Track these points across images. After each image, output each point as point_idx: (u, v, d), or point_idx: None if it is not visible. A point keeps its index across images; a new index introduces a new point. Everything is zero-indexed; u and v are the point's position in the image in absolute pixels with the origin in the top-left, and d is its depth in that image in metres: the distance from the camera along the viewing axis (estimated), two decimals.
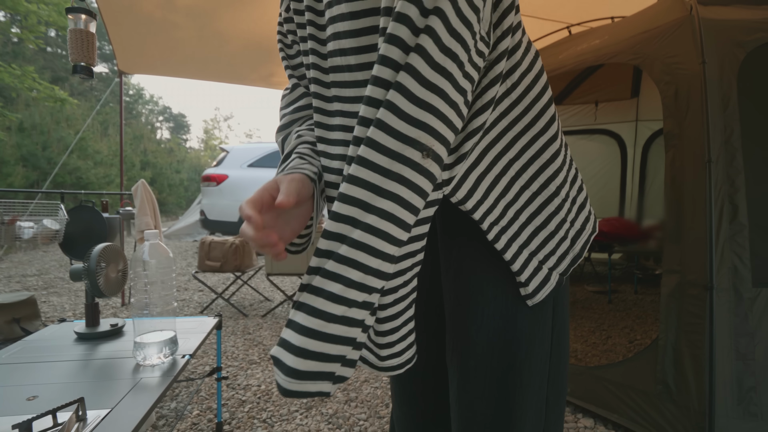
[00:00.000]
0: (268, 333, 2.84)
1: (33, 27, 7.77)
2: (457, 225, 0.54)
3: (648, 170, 3.91)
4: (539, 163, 0.52)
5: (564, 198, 0.54)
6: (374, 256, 0.39)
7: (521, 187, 0.52)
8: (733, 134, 1.45)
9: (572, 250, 0.55)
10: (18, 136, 10.91)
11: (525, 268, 0.51)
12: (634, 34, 1.81)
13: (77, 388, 1.00)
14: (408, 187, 0.38)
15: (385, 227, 0.38)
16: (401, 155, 0.38)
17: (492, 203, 0.50)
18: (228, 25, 3.37)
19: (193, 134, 38.81)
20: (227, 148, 6.28)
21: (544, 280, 0.52)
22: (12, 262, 5.75)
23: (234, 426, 1.70)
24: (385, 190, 0.38)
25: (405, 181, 0.38)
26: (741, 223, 1.41)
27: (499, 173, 0.50)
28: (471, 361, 0.53)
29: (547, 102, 0.52)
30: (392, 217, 0.38)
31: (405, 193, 0.38)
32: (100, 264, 1.32)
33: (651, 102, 3.75)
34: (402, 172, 0.38)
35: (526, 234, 0.52)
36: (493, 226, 0.50)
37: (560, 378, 0.57)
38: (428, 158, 0.38)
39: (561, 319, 0.57)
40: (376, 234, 0.38)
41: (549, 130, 0.52)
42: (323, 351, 0.39)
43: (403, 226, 0.40)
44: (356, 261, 0.38)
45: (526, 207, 0.52)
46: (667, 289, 1.52)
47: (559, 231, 0.53)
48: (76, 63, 1.26)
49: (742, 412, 1.36)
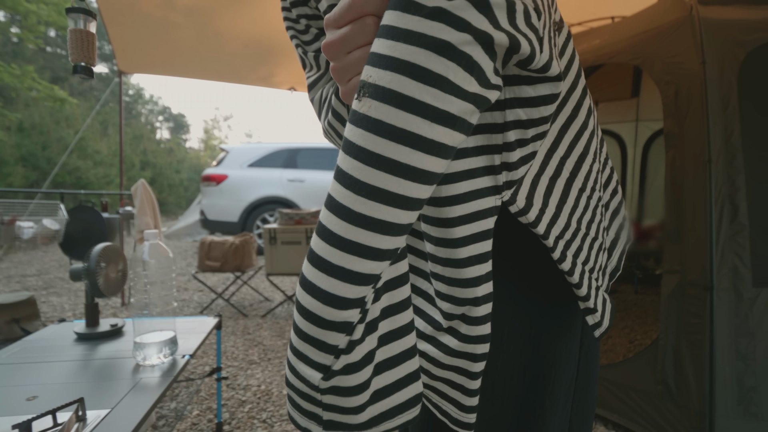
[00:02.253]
0: (268, 333, 2.84)
1: (33, 27, 7.76)
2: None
3: (648, 170, 3.91)
4: (588, 161, 0.44)
5: (607, 201, 0.48)
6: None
7: (579, 189, 0.43)
8: (734, 134, 1.45)
9: (610, 263, 0.49)
10: (18, 136, 10.91)
11: (590, 290, 0.43)
12: (634, 34, 1.81)
13: (77, 389, 1.00)
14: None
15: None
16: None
17: (554, 212, 0.41)
18: (228, 25, 3.37)
19: (193, 134, 38.87)
20: (227, 148, 6.28)
21: (603, 300, 0.45)
22: (12, 262, 5.75)
23: (234, 426, 1.70)
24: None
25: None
26: (741, 223, 1.41)
27: (554, 174, 0.41)
28: (490, 377, 0.48)
29: (582, 91, 0.44)
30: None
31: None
32: (100, 264, 1.32)
33: (651, 102, 3.75)
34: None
35: (586, 247, 0.44)
36: (559, 240, 0.41)
37: (587, 400, 0.51)
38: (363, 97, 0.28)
39: (590, 338, 0.50)
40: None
41: (589, 124, 0.45)
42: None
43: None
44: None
45: (584, 214, 0.44)
46: (668, 289, 1.52)
47: (604, 241, 0.47)
48: (76, 63, 1.25)
49: (742, 412, 1.36)
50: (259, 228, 5.74)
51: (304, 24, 0.55)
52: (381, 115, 0.27)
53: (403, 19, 0.27)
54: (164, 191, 15.44)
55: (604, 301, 0.45)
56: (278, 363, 2.35)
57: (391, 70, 0.27)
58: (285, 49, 3.71)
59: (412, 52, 0.27)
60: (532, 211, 0.39)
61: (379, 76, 0.27)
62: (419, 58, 0.27)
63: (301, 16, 0.54)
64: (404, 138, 0.27)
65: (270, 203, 5.80)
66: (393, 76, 0.27)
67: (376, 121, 0.27)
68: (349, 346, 0.31)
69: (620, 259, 0.51)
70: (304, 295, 0.30)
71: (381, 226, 0.28)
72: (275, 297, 3.76)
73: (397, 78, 0.27)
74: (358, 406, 0.33)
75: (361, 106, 0.28)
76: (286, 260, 3.18)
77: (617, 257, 0.50)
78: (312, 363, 0.31)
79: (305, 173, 5.92)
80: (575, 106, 0.43)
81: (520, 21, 0.29)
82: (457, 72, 0.27)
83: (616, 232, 0.51)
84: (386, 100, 0.27)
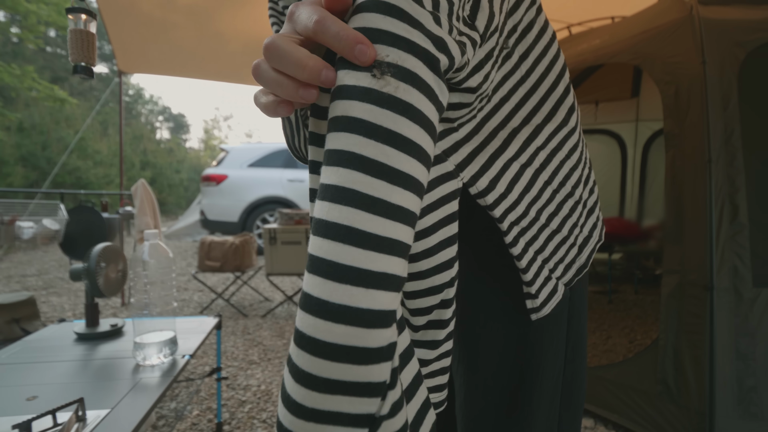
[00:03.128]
0: (268, 333, 2.84)
1: (33, 27, 7.76)
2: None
3: (648, 170, 3.91)
4: (559, 157, 0.46)
5: (578, 199, 0.49)
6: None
7: (544, 182, 0.45)
8: (734, 134, 1.45)
9: (579, 259, 0.50)
10: (18, 136, 10.91)
11: (537, 278, 0.46)
12: (635, 34, 1.81)
13: (77, 389, 1.00)
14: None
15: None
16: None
17: (516, 199, 0.43)
18: (228, 25, 3.37)
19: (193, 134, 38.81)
20: (227, 148, 6.28)
21: (552, 291, 0.47)
22: (12, 262, 5.75)
23: (234, 426, 1.70)
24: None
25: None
26: (741, 223, 1.41)
27: (525, 163, 0.44)
28: (477, 374, 0.50)
29: (565, 89, 0.46)
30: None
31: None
32: (100, 264, 1.32)
33: (651, 102, 3.75)
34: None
35: (543, 238, 0.46)
36: (513, 226, 0.44)
37: (576, 395, 0.52)
38: (383, 77, 0.25)
39: (577, 333, 0.52)
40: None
41: (570, 121, 0.46)
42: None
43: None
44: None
45: (546, 206, 0.46)
46: (668, 289, 1.52)
47: (571, 236, 0.49)
48: (76, 63, 1.25)
49: (742, 413, 1.36)
50: (259, 228, 5.74)
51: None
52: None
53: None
54: (164, 191, 15.44)
55: (552, 291, 0.47)
56: (278, 363, 2.35)
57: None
58: None
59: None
60: (491, 195, 0.42)
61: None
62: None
63: (286, 7, 0.52)
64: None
65: (270, 203, 5.80)
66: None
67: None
68: (393, 376, 0.25)
69: (589, 257, 0.52)
70: (331, 326, 0.23)
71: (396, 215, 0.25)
72: (275, 297, 3.76)
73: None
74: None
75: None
76: (286, 260, 3.18)
77: (587, 254, 0.51)
78: (349, 420, 0.24)
79: (305, 173, 5.91)
80: (555, 104, 0.45)
81: (453, 30, 0.29)
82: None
83: (590, 230, 0.52)
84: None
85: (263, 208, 5.79)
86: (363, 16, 0.26)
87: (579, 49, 2.15)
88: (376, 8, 0.26)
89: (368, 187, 0.24)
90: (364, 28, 0.26)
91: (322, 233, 0.24)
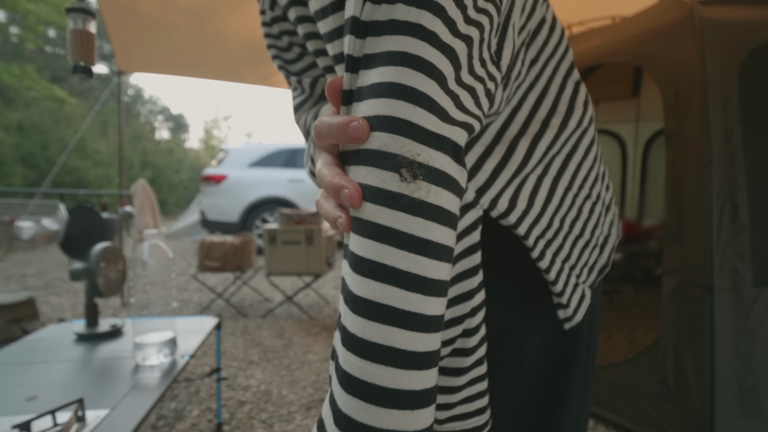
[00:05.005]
0: (267, 333, 2.84)
1: (33, 27, 7.77)
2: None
3: (649, 170, 3.91)
4: (576, 160, 0.45)
5: (595, 199, 0.47)
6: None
7: (565, 188, 0.44)
8: (734, 134, 1.44)
9: (601, 259, 0.49)
10: (17, 136, 10.91)
11: (566, 287, 0.44)
12: (635, 34, 1.80)
13: (77, 389, 0.99)
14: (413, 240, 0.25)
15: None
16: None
17: (539, 212, 0.42)
18: (227, 25, 3.36)
19: (193, 134, 38.80)
20: (227, 148, 6.28)
21: (581, 297, 0.46)
22: (11, 262, 5.74)
23: (234, 426, 1.70)
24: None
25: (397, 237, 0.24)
26: (742, 223, 1.41)
27: (541, 174, 0.43)
28: (508, 388, 0.47)
29: (574, 88, 0.44)
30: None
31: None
32: (100, 264, 1.32)
33: (652, 102, 3.75)
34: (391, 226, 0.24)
35: (568, 245, 0.45)
36: (539, 240, 0.42)
37: (589, 400, 0.52)
38: (415, 180, 0.24)
39: (593, 339, 0.50)
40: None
41: (583, 121, 0.45)
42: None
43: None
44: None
45: (568, 212, 0.44)
46: (668, 289, 1.52)
47: (593, 238, 0.47)
48: (75, 63, 1.25)
49: (742, 413, 1.36)
50: (259, 228, 5.73)
51: (287, 41, 0.51)
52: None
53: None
54: (164, 191, 15.45)
55: (581, 297, 0.46)
56: (278, 363, 2.35)
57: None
58: None
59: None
60: (513, 214, 0.41)
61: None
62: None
63: (283, 32, 0.50)
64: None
65: (270, 203, 5.80)
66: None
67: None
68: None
69: (610, 255, 0.51)
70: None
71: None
72: (275, 297, 3.76)
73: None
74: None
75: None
76: (286, 260, 3.17)
77: (608, 253, 0.50)
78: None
79: (305, 173, 5.92)
80: (569, 104, 0.44)
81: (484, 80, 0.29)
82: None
83: (609, 228, 0.51)
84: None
85: (263, 208, 5.79)
86: (387, 102, 0.24)
87: (579, 49, 2.14)
88: (402, 95, 0.24)
89: (404, 303, 0.23)
90: (390, 117, 0.24)
91: (359, 352, 0.23)
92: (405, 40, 0.25)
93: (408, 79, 0.24)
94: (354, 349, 0.24)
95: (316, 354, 2.47)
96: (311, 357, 2.42)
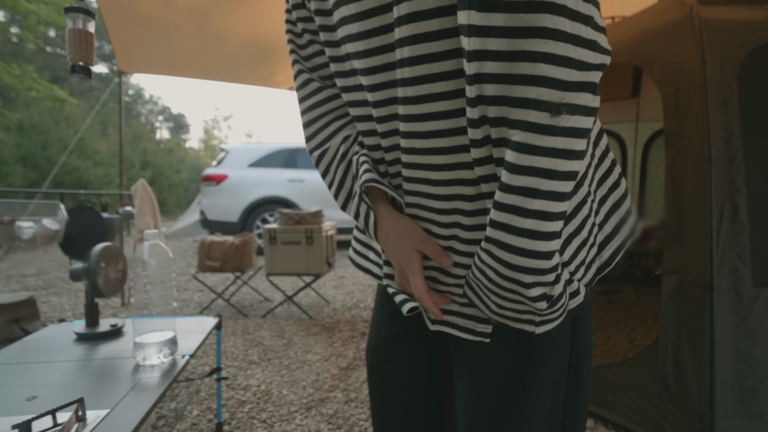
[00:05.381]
0: (267, 333, 2.84)
1: (33, 27, 7.77)
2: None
3: (648, 170, 3.91)
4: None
5: (586, 195, 0.48)
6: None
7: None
8: (734, 134, 1.44)
9: (599, 258, 0.50)
10: (17, 136, 10.91)
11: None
12: (635, 34, 1.80)
13: (77, 389, 0.99)
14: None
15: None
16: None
17: None
18: (228, 25, 3.36)
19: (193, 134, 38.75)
20: (227, 148, 6.28)
21: (574, 293, 0.46)
22: (12, 262, 5.75)
23: (234, 426, 1.70)
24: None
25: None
26: (742, 223, 1.41)
27: None
28: (478, 377, 0.50)
29: None
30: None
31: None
32: (100, 264, 1.32)
33: (651, 102, 3.74)
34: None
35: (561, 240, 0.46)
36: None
37: (580, 401, 0.52)
38: (560, 114, 0.35)
39: (582, 336, 0.51)
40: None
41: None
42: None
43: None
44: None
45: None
46: (668, 289, 1.52)
47: (590, 237, 0.48)
48: (74, 63, 1.25)
49: (742, 413, 1.36)
50: (259, 228, 5.73)
51: (301, 28, 0.56)
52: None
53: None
54: (164, 191, 15.44)
55: (574, 291, 0.46)
56: (278, 363, 2.35)
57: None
58: (285, 48, 3.70)
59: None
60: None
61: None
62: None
63: (299, 19, 0.56)
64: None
65: (270, 203, 5.80)
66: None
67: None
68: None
69: (613, 255, 0.50)
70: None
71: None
72: (275, 297, 3.76)
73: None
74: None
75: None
76: (286, 260, 3.17)
77: (609, 253, 0.50)
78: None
79: (305, 173, 5.92)
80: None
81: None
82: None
83: (614, 226, 0.51)
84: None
85: (263, 208, 5.79)
86: (538, 66, 0.35)
87: None
88: (554, 61, 0.35)
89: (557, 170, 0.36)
90: (541, 78, 0.35)
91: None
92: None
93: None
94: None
95: (316, 354, 2.47)
96: (311, 357, 2.42)
